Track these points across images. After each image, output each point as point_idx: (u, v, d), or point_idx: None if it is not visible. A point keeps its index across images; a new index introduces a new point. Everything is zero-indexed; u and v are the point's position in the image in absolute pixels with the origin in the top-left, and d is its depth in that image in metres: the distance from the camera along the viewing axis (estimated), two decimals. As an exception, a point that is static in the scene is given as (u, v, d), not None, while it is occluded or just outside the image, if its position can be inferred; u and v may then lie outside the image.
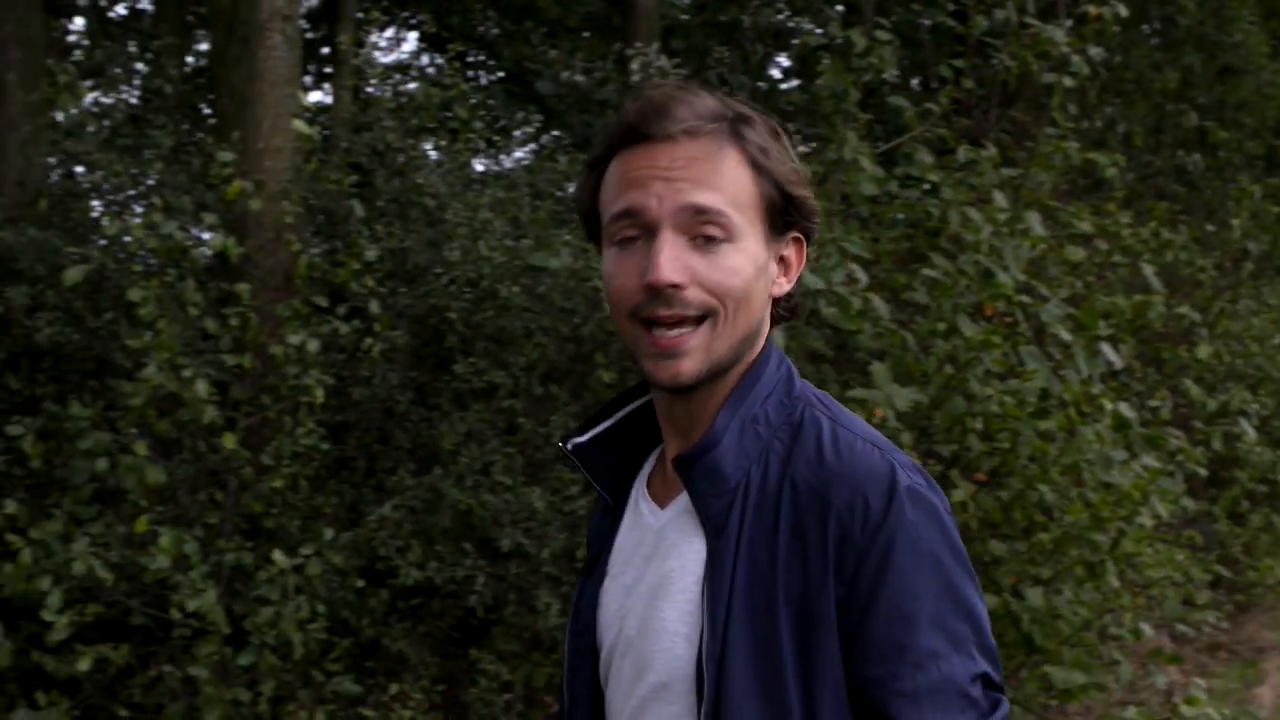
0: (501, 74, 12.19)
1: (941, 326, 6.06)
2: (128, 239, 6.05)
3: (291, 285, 6.39)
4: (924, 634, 1.75)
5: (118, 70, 10.73)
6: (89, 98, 10.49)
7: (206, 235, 6.24)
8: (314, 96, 11.10)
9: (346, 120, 7.35)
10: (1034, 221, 6.40)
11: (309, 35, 12.15)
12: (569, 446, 2.07)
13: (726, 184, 1.83)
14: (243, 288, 5.74)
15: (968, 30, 6.97)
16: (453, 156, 7.16)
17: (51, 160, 7.45)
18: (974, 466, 6.22)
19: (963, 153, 6.56)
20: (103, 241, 6.52)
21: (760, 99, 10.85)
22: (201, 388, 5.29)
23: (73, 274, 5.61)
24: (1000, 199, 6.41)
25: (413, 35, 13.83)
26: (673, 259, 1.80)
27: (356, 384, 6.40)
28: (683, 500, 1.93)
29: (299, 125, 5.90)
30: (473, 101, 7.70)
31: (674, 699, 1.87)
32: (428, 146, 7.41)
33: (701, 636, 1.82)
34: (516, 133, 9.59)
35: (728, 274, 1.82)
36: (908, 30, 9.32)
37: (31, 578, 5.39)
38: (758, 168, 1.86)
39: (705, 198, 1.81)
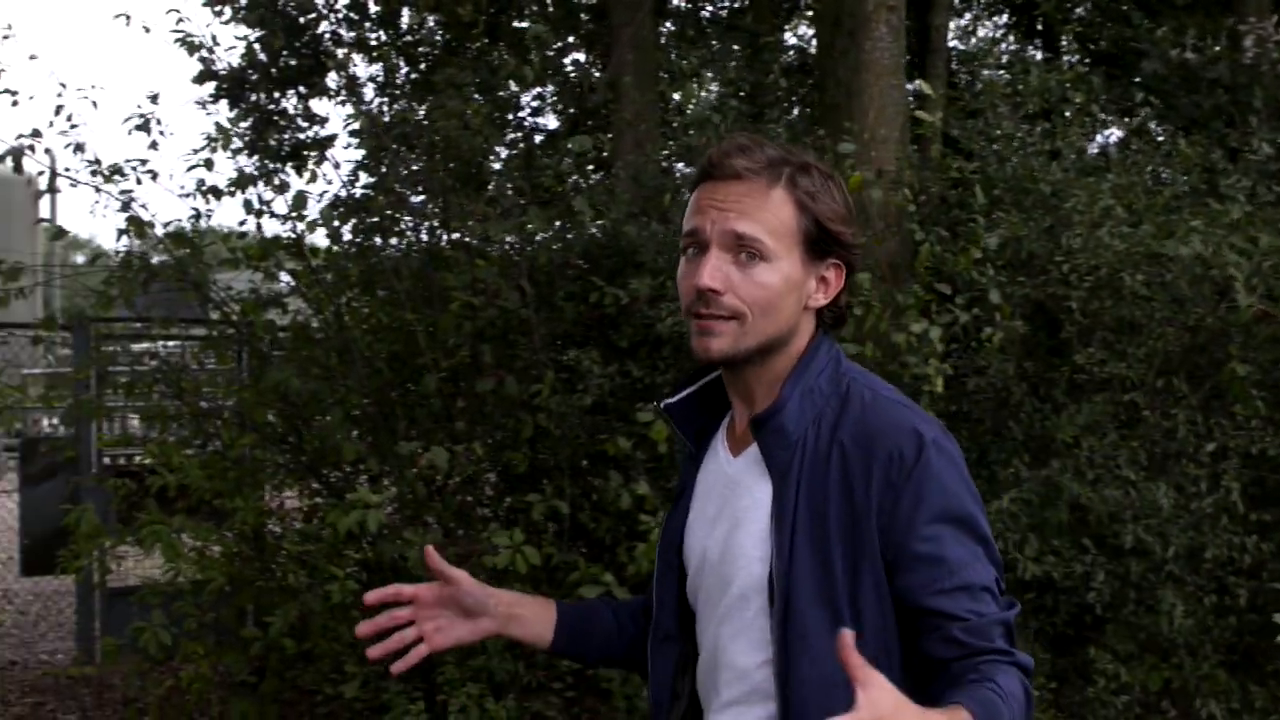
0: (1089, 58, 11.80)
1: None
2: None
3: (898, 274, 6.37)
4: (951, 549, 2.25)
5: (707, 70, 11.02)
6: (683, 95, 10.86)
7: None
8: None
9: (952, 107, 7.26)
10: None
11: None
12: (662, 405, 2.60)
13: (767, 216, 2.34)
14: (863, 276, 5.77)
15: None
16: (1068, 142, 6.94)
17: (664, 152, 7.71)
18: None
19: None
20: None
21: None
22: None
23: (701, 264, 5.77)
24: None
25: (995, 19, 13.66)
26: (715, 270, 2.32)
27: (971, 373, 6.30)
28: (752, 452, 2.43)
29: (922, 114, 5.87)
30: (1093, 82, 7.46)
31: (749, 607, 2.37)
32: (1031, 131, 7.22)
33: (771, 557, 2.33)
34: (1109, 115, 9.22)
35: (757, 286, 2.33)
36: None
37: (659, 558, 5.58)
38: (802, 206, 2.35)
39: (745, 226, 2.32)
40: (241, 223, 7.47)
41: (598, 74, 9.06)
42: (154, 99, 7.46)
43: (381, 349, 7.23)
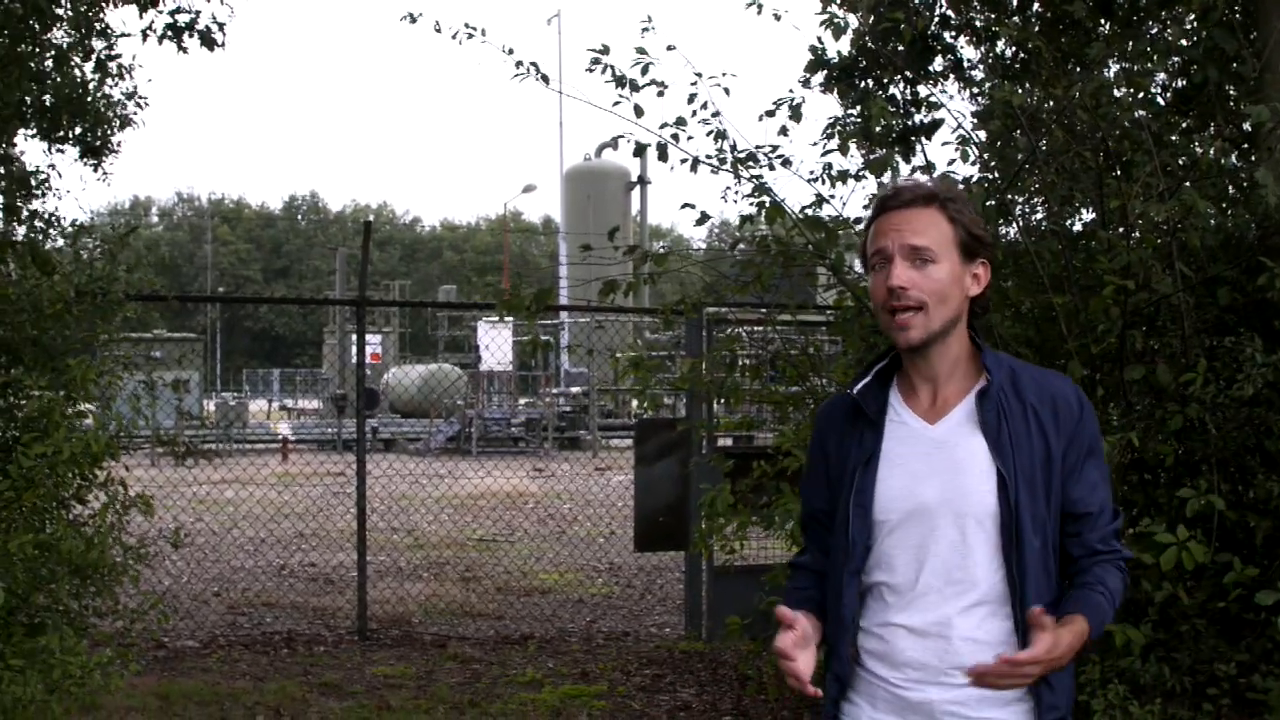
0: None
1: None
2: None
3: None
4: (1098, 470, 3.13)
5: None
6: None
7: None
8: None
9: None
10: None
11: None
12: (854, 392, 3.24)
13: (932, 231, 3.08)
14: None
15: None
16: None
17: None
18: None
19: None
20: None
21: None
22: None
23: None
24: None
25: None
26: (901, 273, 3.05)
27: None
28: (955, 416, 3.13)
29: None
30: None
31: (984, 528, 3.04)
32: None
33: (1005, 489, 3.02)
34: None
35: (931, 281, 3.06)
36: None
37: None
38: (954, 221, 3.10)
39: (917, 240, 3.06)
40: (865, 207, 7.45)
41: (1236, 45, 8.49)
42: (805, 83, 7.49)
43: (1019, 333, 7.01)
